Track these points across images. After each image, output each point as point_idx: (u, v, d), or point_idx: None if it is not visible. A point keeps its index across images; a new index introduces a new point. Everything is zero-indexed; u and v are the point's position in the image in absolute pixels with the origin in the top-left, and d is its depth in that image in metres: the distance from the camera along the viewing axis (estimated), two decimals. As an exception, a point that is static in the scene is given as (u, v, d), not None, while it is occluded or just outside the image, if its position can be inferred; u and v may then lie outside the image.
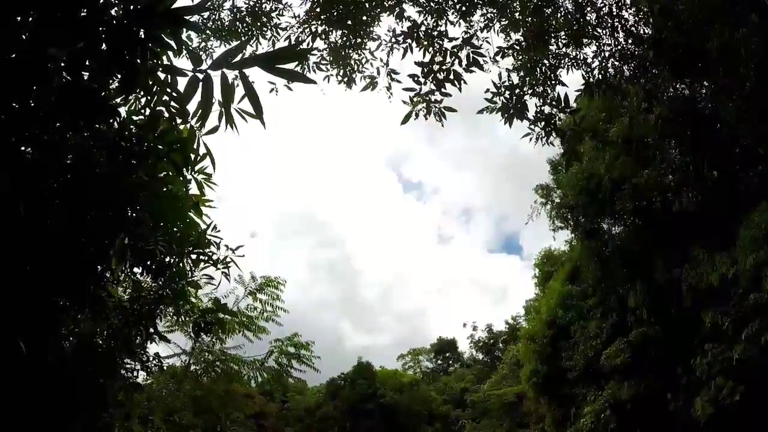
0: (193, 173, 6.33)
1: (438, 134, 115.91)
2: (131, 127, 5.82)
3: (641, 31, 9.46)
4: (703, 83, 12.96)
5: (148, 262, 8.29)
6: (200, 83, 3.50)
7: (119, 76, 5.19)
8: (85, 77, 4.72)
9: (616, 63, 9.17)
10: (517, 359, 36.15)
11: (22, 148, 5.76)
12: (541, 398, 27.80)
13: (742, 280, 15.51)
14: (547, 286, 29.80)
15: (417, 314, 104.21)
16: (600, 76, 8.98)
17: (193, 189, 6.70)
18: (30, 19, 3.78)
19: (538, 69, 8.35)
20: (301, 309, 68.58)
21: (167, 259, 7.85)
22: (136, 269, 9.21)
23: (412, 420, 45.04)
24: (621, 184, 18.50)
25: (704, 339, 17.59)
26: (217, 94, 3.56)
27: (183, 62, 3.78)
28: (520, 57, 8.62)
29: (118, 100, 5.69)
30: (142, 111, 5.75)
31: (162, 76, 4.48)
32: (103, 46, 3.76)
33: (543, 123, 7.99)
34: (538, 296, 33.76)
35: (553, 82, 8.41)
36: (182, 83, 3.76)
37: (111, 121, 5.79)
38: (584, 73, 9.01)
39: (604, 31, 9.15)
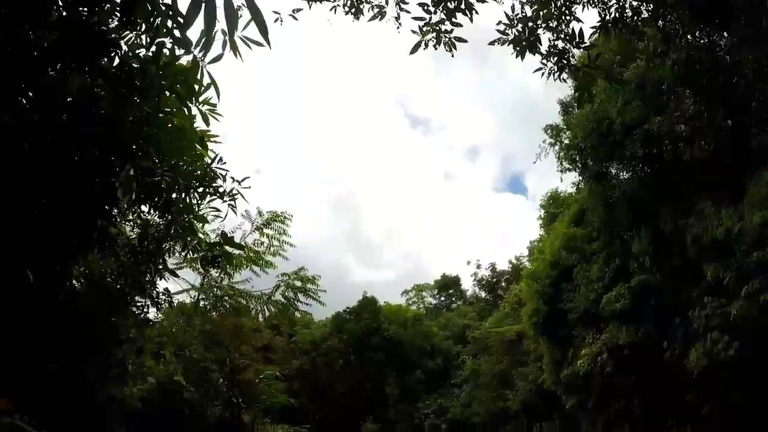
0: (197, 104, 6.26)
1: (446, 71, 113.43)
2: (133, 61, 5.74)
3: (662, -30, 9.07)
4: (723, 33, 12.52)
5: (155, 199, 8.33)
6: (203, 4, 3.32)
7: (117, 6, 5.06)
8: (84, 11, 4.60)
9: (634, 2, 8.82)
10: (518, 298, 36.59)
11: (23, 87, 5.71)
12: (540, 338, 28.23)
13: (747, 237, 15.40)
14: (552, 228, 29.86)
15: (421, 251, 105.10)
16: (617, 14, 8.66)
17: (199, 124, 6.65)
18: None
19: (552, 3, 8.04)
20: (306, 244, 69.31)
21: (174, 195, 7.89)
22: (143, 207, 9.32)
23: (415, 354, 46.00)
24: (632, 129, 18.19)
25: (704, 292, 17.66)
26: (221, 19, 3.38)
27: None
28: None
29: (118, 33, 5.60)
30: (144, 45, 5.66)
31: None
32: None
33: (556, 58, 7.77)
34: (543, 237, 33.92)
35: (567, 17, 8.10)
36: (183, 8, 3.56)
37: (112, 55, 5.71)
38: (600, 11, 8.69)
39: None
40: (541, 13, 7.88)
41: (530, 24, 7.74)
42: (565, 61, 7.80)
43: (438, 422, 40.06)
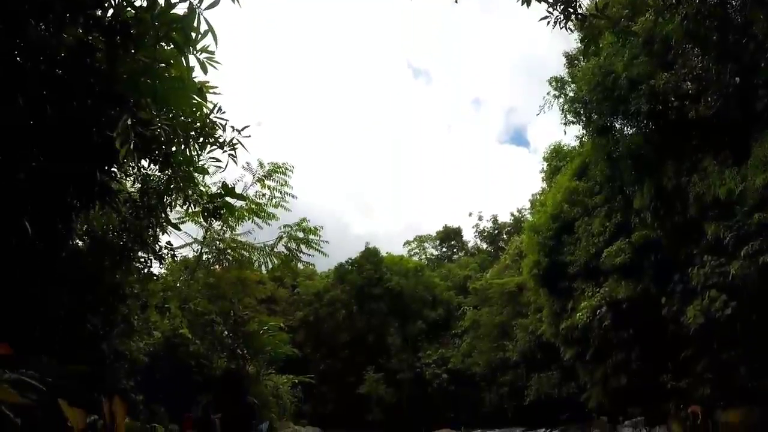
0: (194, 53, 6.16)
1: (451, 22, 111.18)
2: (128, 9, 5.62)
3: None
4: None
5: (155, 152, 8.30)
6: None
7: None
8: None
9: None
10: (520, 251, 36.79)
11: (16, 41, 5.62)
12: (540, 290, 28.48)
13: (749, 198, 15.35)
14: (555, 181, 29.80)
15: (423, 202, 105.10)
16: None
17: (198, 74, 6.53)
18: None
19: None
20: (308, 197, 69.41)
21: (173, 148, 7.86)
22: (143, 161, 9.29)
23: (416, 304, 46.37)
24: (638, 84, 17.92)
25: (704, 250, 17.74)
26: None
27: None
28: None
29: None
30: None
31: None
32: None
33: (562, 6, 7.57)
34: (545, 190, 33.88)
35: (576, -36, 7.85)
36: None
37: (106, 5, 5.59)
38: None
39: None
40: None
41: (536, -31, 7.51)
42: (571, 9, 7.59)
43: (439, 372, 40.73)
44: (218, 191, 9.70)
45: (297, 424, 21.12)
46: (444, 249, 63.45)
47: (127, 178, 10.50)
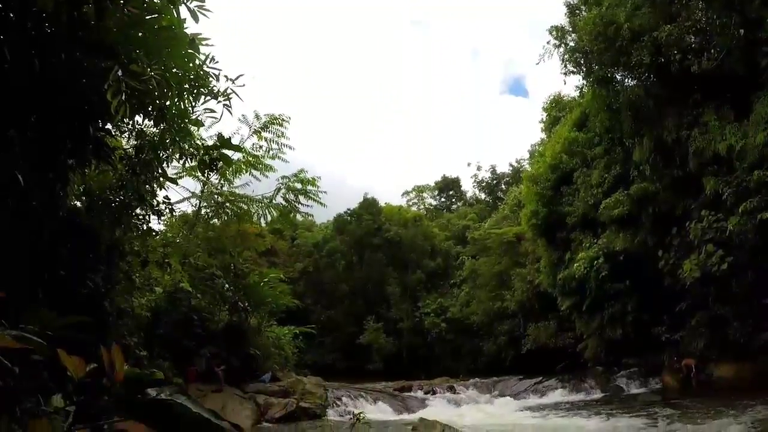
0: (186, 2, 6.05)
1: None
2: None
3: None
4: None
5: (149, 108, 8.22)
6: None
7: None
8: None
9: None
10: (518, 201, 36.85)
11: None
12: (538, 239, 28.63)
13: (749, 155, 15.30)
14: (554, 131, 29.60)
15: (421, 152, 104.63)
16: None
17: (190, 25, 6.43)
18: None
19: None
20: (305, 149, 69.01)
21: (167, 102, 7.78)
22: (137, 117, 9.20)
23: (415, 254, 46.50)
24: (640, 35, 17.60)
25: (702, 205, 17.80)
26: None
27: None
28: None
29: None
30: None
31: None
32: None
33: None
34: (544, 141, 33.67)
35: None
36: None
37: None
38: None
39: None
40: None
41: None
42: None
43: (438, 321, 41.17)
44: (215, 143, 9.66)
45: (299, 374, 21.43)
46: (443, 199, 63.39)
47: (122, 135, 10.44)
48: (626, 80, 20.10)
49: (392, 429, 13.58)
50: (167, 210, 12.38)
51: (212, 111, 8.60)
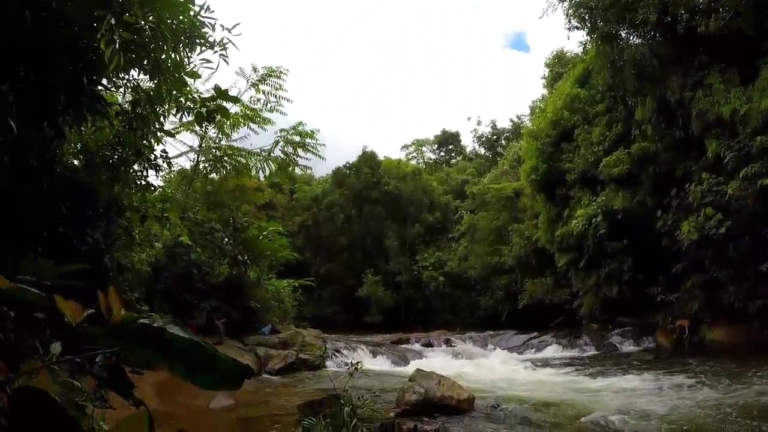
0: None
1: None
2: None
3: None
4: None
5: (144, 61, 8.10)
6: None
7: None
8: None
9: None
10: (518, 156, 36.67)
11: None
12: (537, 196, 28.60)
13: (752, 120, 15.13)
14: (556, 87, 29.27)
15: (420, 105, 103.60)
16: None
17: None
18: None
19: None
20: (305, 103, 68.29)
21: (162, 55, 7.68)
22: (132, 71, 9.10)
23: (414, 207, 46.46)
24: (647, -8, 17.26)
25: (703, 168, 17.71)
26: None
27: None
28: None
29: None
30: None
31: None
32: None
33: None
34: (545, 97, 33.31)
35: None
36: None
37: None
38: None
39: None
40: None
41: None
42: None
43: (436, 275, 41.46)
44: (212, 95, 9.59)
45: (298, 326, 21.72)
46: (442, 153, 63.06)
47: (118, 91, 10.34)
48: (631, 38, 19.72)
49: (389, 378, 13.82)
50: (165, 164, 12.36)
51: (208, 61, 8.50)
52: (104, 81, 9.26)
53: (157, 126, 10.86)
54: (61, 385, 3.43)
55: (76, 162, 10.25)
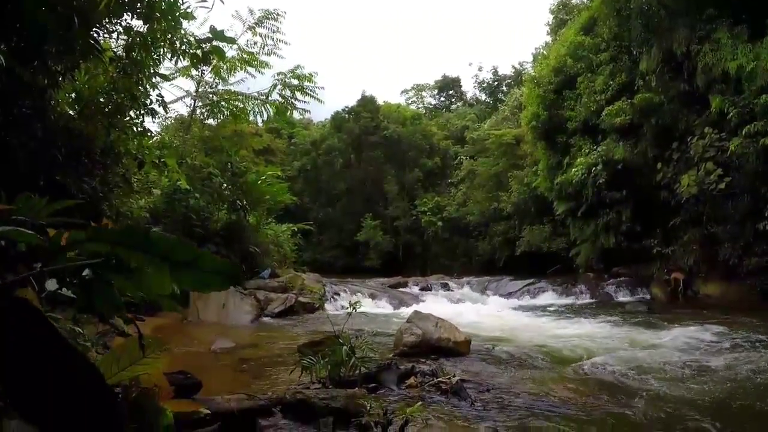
0: None
1: None
2: None
3: None
4: None
5: (137, 5, 7.95)
6: None
7: None
8: None
9: None
10: (519, 103, 36.28)
11: None
12: (538, 143, 28.39)
13: (759, 78, 14.89)
14: (560, 34, 28.73)
15: (421, 50, 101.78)
16: None
17: None
18: None
19: None
20: (303, 44, 67.00)
21: None
22: (126, 16, 8.94)
23: (414, 152, 46.27)
24: (657, -61, 16.74)
25: (706, 122, 17.59)
26: None
27: None
28: None
29: None
30: None
31: None
32: None
33: None
34: (549, 44, 32.72)
35: None
36: None
37: None
38: None
39: None
40: None
41: None
42: None
43: (434, 220, 41.54)
44: (207, 36, 9.46)
45: (297, 270, 21.93)
46: (442, 98, 62.40)
47: (111, 38, 10.16)
48: (639, -14, 19.25)
49: (387, 320, 14.07)
50: (161, 108, 12.23)
51: (203, 0, 8.35)
52: (97, 26, 9.09)
53: (152, 71, 10.73)
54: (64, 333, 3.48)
55: (71, 112, 10.14)
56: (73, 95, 10.06)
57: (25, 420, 1.20)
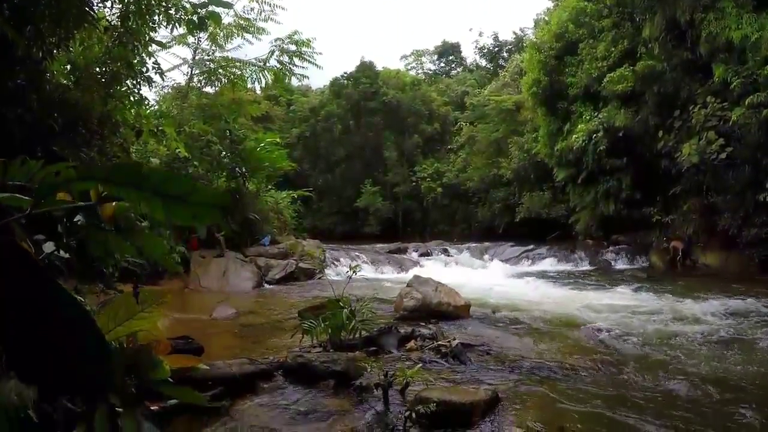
0: None
1: None
2: None
3: None
4: None
5: None
6: None
7: None
8: None
9: None
10: (519, 69, 35.90)
11: None
12: (538, 109, 28.19)
13: (763, 48, 14.73)
14: (561, 0, 28.24)
15: (420, 15, 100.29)
16: None
17: None
18: None
19: None
20: (300, 9, 66.05)
21: None
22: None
23: (413, 118, 45.98)
24: None
25: (708, 91, 17.42)
26: None
27: None
28: None
29: None
30: None
31: None
32: None
33: None
34: (550, 10, 32.22)
35: None
36: None
37: None
38: None
39: None
40: None
41: None
42: None
43: (434, 186, 41.49)
44: (202, 2, 9.35)
45: (297, 237, 22.02)
46: (442, 64, 61.80)
47: (105, 5, 10.06)
48: (643, -49, 18.90)
49: (387, 285, 14.20)
50: (158, 75, 12.15)
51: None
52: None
53: (148, 38, 10.64)
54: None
55: (66, 82, 10.08)
56: (68, 66, 9.98)
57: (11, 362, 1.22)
